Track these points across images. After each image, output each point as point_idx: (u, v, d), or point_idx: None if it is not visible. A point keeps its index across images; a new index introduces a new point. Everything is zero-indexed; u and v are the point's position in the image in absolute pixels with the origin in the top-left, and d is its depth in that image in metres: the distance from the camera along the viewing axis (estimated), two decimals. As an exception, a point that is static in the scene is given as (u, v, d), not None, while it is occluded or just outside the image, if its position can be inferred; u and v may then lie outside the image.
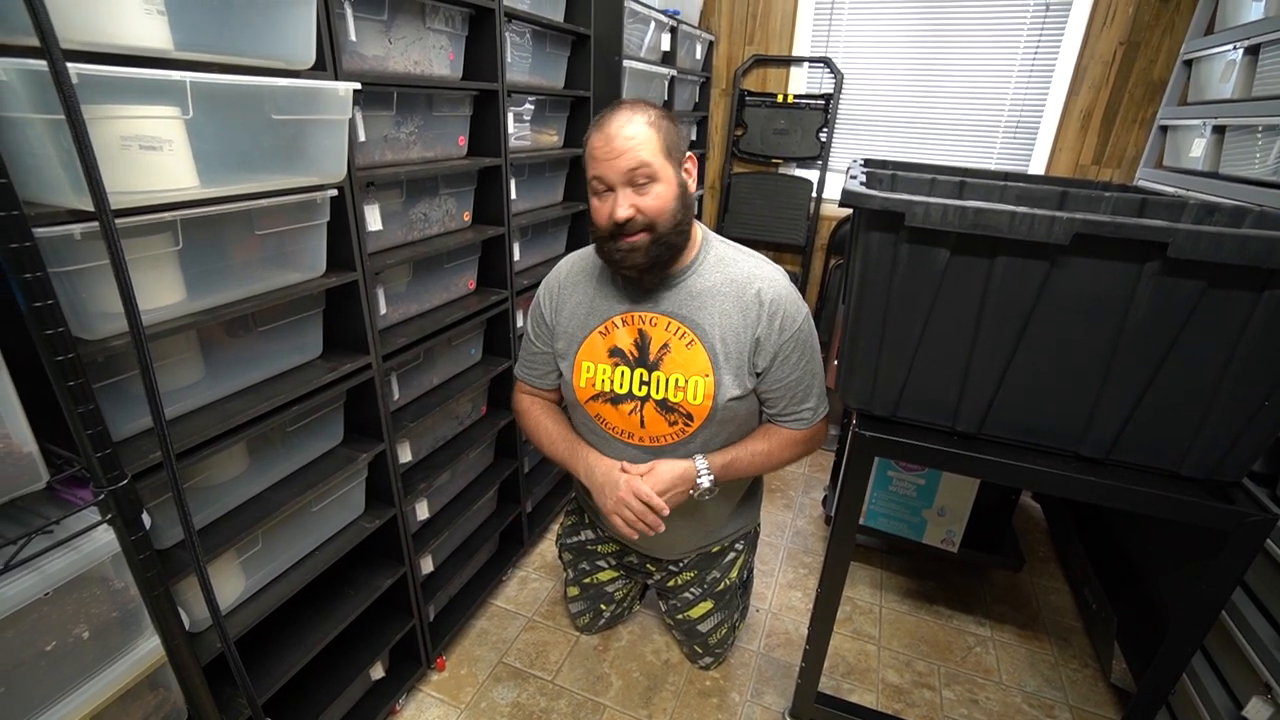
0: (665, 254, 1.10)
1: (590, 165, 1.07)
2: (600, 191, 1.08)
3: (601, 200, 1.08)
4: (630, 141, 1.03)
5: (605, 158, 1.04)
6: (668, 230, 1.08)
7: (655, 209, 1.06)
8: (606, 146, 1.04)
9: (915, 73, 2.46)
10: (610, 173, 1.04)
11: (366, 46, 1.10)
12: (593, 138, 1.07)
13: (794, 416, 1.21)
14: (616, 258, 1.10)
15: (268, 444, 1.04)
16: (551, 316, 1.27)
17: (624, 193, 1.05)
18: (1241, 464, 0.90)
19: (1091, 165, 2.30)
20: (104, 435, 0.69)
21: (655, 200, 1.05)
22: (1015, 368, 0.94)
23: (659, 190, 1.06)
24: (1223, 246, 0.76)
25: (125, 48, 0.70)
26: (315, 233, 1.00)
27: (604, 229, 1.08)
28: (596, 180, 1.07)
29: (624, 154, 1.03)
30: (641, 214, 1.05)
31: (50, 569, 0.69)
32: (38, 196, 0.66)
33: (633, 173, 1.03)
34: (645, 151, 1.03)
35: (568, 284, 1.27)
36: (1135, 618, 1.38)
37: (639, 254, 1.08)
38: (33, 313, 0.61)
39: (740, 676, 1.54)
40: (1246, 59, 1.57)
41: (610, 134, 1.04)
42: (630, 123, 1.04)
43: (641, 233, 1.07)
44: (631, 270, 1.11)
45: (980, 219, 0.84)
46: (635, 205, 1.05)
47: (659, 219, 1.06)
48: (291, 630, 1.15)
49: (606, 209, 1.06)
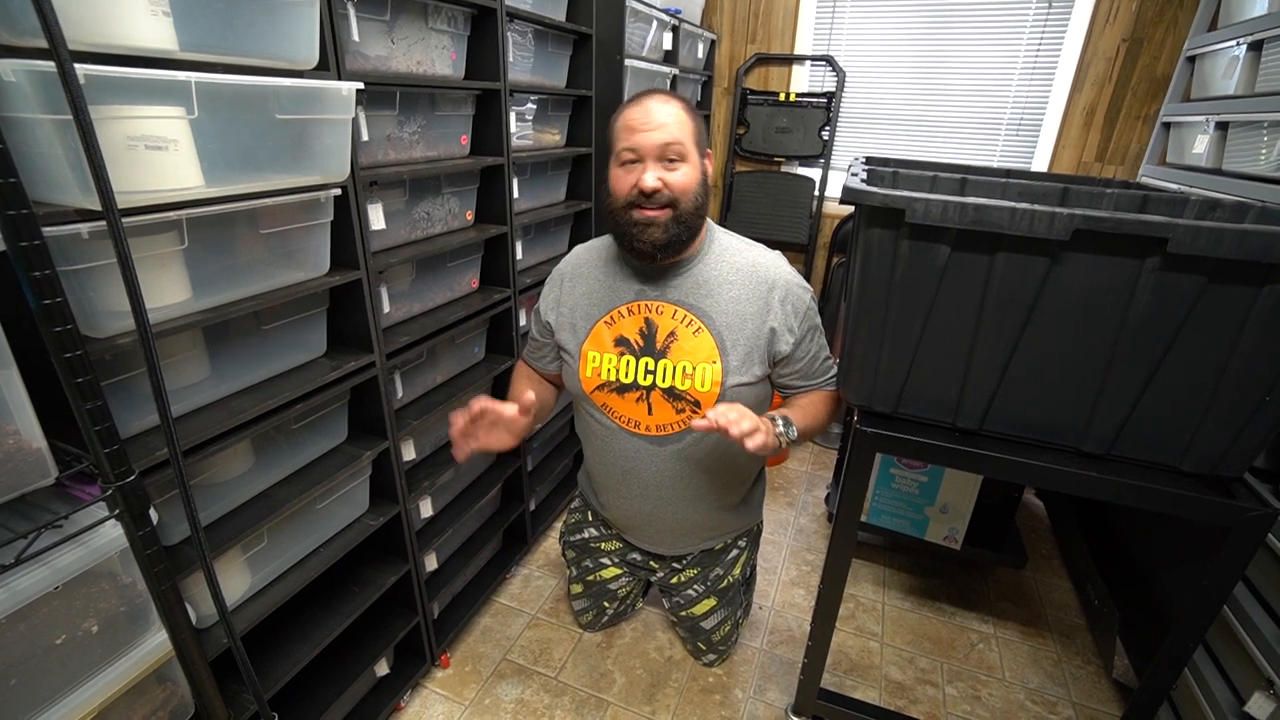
0: (682, 234, 1.13)
1: (623, 136, 1.10)
2: (628, 162, 1.10)
3: (627, 171, 1.11)
4: (670, 119, 1.08)
5: (642, 129, 1.08)
6: (688, 211, 1.11)
7: (681, 186, 1.09)
8: (645, 119, 1.08)
9: (917, 71, 2.45)
10: (645, 144, 1.08)
11: (369, 46, 1.10)
12: (629, 111, 1.10)
13: (824, 379, 1.26)
14: (634, 231, 1.12)
15: (272, 441, 1.05)
16: (552, 316, 1.30)
17: (654, 166, 1.09)
18: (1243, 459, 0.90)
19: (1094, 162, 2.29)
20: (112, 431, 0.70)
21: (683, 178, 1.10)
22: (1016, 364, 0.94)
23: (686, 170, 1.10)
24: (1222, 242, 0.76)
25: (131, 48, 0.70)
26: (319, 232, 1.01)
27: (626, 198, 1.11)
28: (628, 151, 1.09)
29: (661, 128, 1.07)
30: (668, 188, 1.09)
31: (59, 563, 0.69)
32: (46, 196, 0.67)
33: (666, 147, 1.08)
34: (678, 129, 1.08)
35: (572, 278, 1.29)
36: (1137, 614, 1.38)
37: (658, 229, 1.10)
38: (42, 310, 0.61)
39: (743, 673, 1.54)
40: (1250, 55, 1.57)
41: (650, 108, 1.08)
42: (668, 103, 1.10)
43: (665, 208, 1.10)
44: (646, 245, 1.12)
45: (981, 215, 0.85)
46: (663, 179, 1.08)
47: (683, 197, 1.10)
48: (297, 626, 1.16)
49: (632, 179, 1.09)
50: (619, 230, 1.15)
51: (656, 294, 1.20)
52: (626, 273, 1.23)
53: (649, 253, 1.13)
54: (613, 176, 1.13)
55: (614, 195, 1.13)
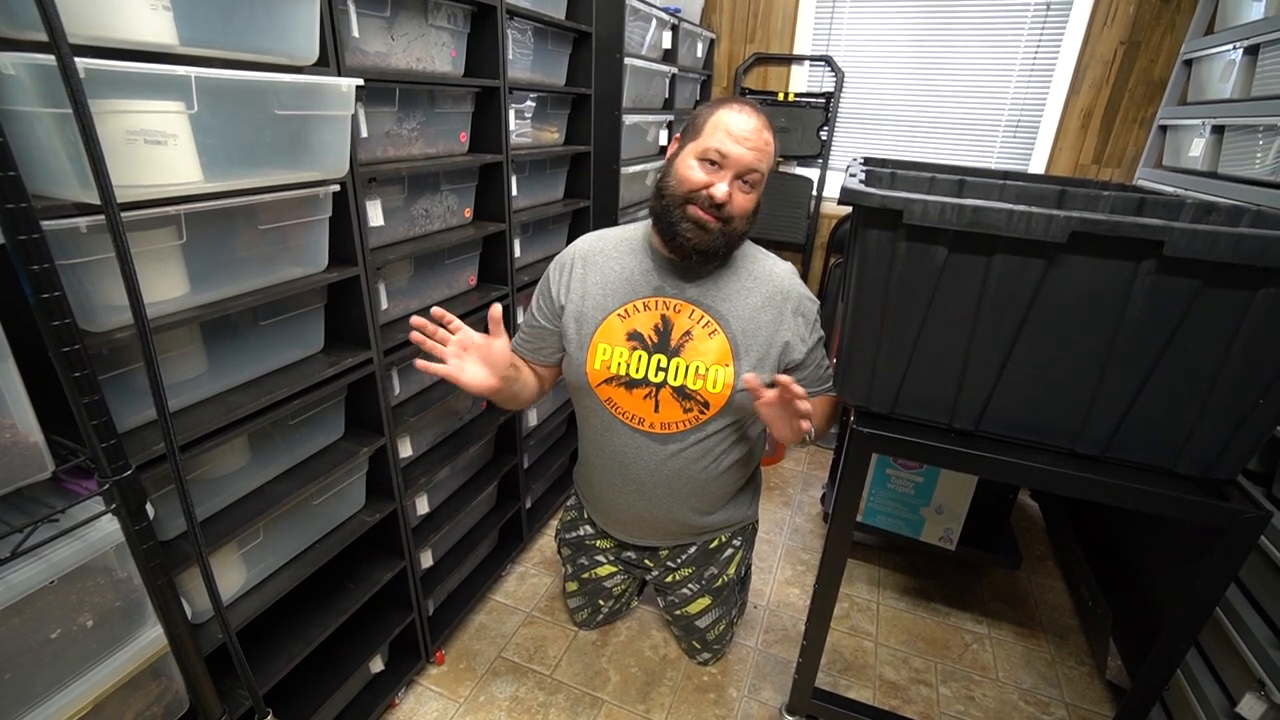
0: (723, 247, 1.16)
1: (718, 136, 1.10)
2: (711, 161, 1.11)
3: (706, 170, 1.11)
4: (767, 146, 1.12)
5: (741, 142, 1.09)
6: (738, 232, 1.16)
7: (743, 208, 1.14)
8: (747, 134, 1.10)
9: (916, 72, 2.46)
10: (736, 156, 1.10)
11: (369, 43, 1.10)
12: (734, 115, 1.11)
13: (826, 385, 1.29)
14: (684, 226, 1.13)
15: (269, 437, 1.05)
16: (561, 294, 1.27)
17: (732, 180, 1.11)
18: (1236, 461, 0.90)
19: (1091, 165, 2.30)
20: (109, 426, 0.69)
21: (748, 202, 1.14)
22: (1012, 365, 0.94)
23: (754, 197, 1.15)
24: (1217, 245, 0.77)
25: (131, 43, 0.70)
26: (317, 228, 1.01)
27: (689, 193, 1.12)
28: (717, 154, 1.10)
29: (756, 150, 1.10)
30: (732, 206, 1.12)
31: (55, 558, 0.69)
32: (45, 190, 0.67)
33: (750, 171, 1.11)
34: (765, 161, 1.13)
35: (589, 263, 1.27)
36: (1131, 615, 1.39)
37: (708, 235, 1.13)
38: (40, 304, 0.61)
39: (738, 672, 1.55)
40: (1246, 59, 1.58)
41: (756, 125, 1.11)
42: (768, 130, 1.13)
43: (721, 221, 1.12)
44: (689, 243, 1.13)
45: (978, 217, 0.85)
46: (732, 195, 1.11)
47: (738, 219, 1.14)
48: (292, 622, 1.16)
49: (706, 180, 1.11)
50: (669, 217, 1.15)
51: (675, 292, 1.21)
52: (645, 266, 1.23)
53: (687, 251, 1.15)
54: (684, 164, 1.13)
55: (678, 181, 1.13)
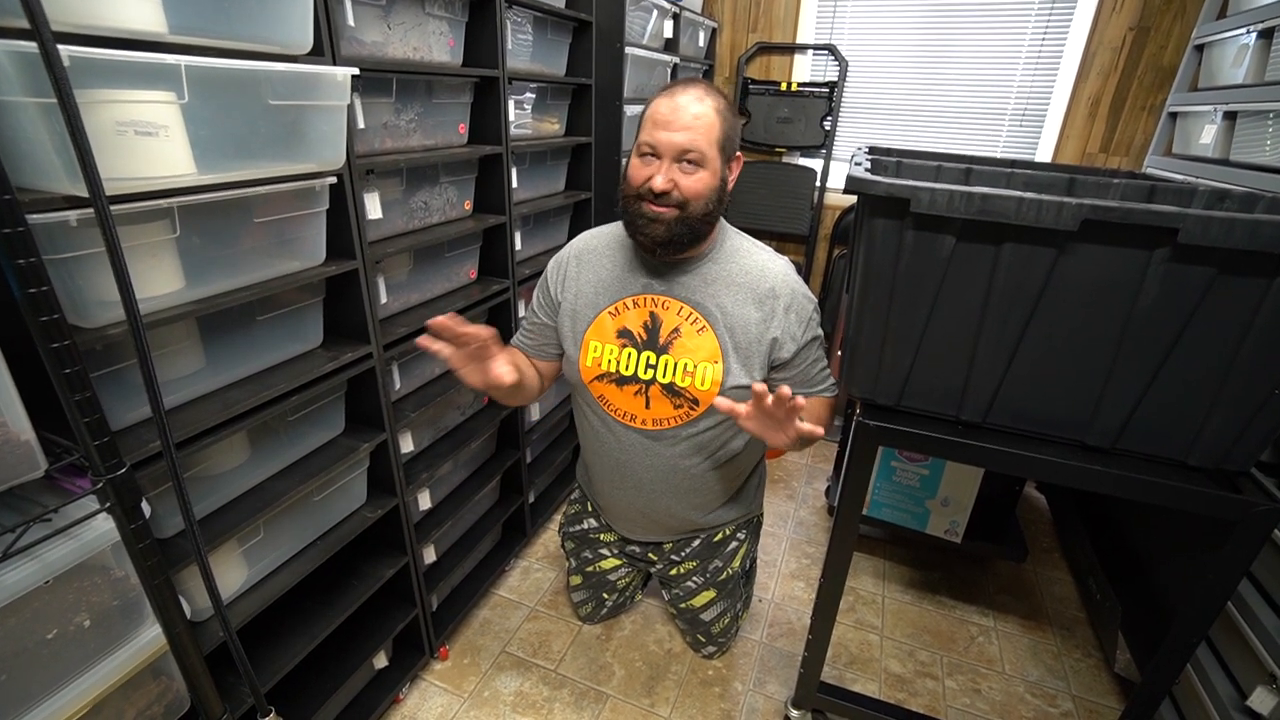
0: (685, 236, 1.11)
1: (646, 128, 1.08)
2: (646, 155, 1.09)
3: (645, 164, 1.09)
4: (696, 122, 1.05)
5: (666, 126, 1.06)
6: (696, 216, 1.10)
7: (693, 191, 1.08)
8: (671, 117, 1.05)
9: (920, 60, 2.42)
10: (664, 143, 1.06)
11: (365, 32, 1.08)
12: (660, 103, 1.08)
13: (819, 388, 1.24)
14: (639, 223, 1.11)
15: (268, 433, 1.04)
16: (558, 292, 1.28)
17: (670, 167, 1.07)
18: (1250, 453, 0.88)
19: (1099, 153, 2.27)
20: (101, 423, 0.68)
21: (695, 183, 1.08)
22: (1021, 356, 0.93)
23: (701, 175, 1.08)
24: (1234, 232, 0.75)
25: (118, 30, 0.69)
26: (314, 221, 0.99)
27: (637, 190, 1.10)
28: (648, 145, 1.08)
29: (684, 130, 1.05)
30: (678, 191, 1.07)
31: (49, 557, 0.68)
32: (32, 182, 0.66)
33: (684, 153, 1.06)
34: (702, 137, 1.06)
35: (582, 261, 1.27)
36: (1140, 608, 1.38)
37: (660, 226, 1.10)
38: (26, 299, 0.60)
39: (743, 666, 1.54)
40: (1260, 43, 1.54)
41: (679, 105, 1.06)
42: (700, 103, 1.06)
43: (672, 208, 1.09)
44: (647, 240, 1.12)
45: (987, 205, 0.83)
46: (675, 181, 1.07)
47: (693, 201, 1.09)
48: (294, 619, 1.15)
49: (647, 173, 1.08)
50: (627, 218, 1.15)
51: (663, 289, 1.20)
52: (635, 264, 1.22)
53: (649, 247, 1.14)
54: (631, 163, 1.12)
55: (628, 182, 1.12)
